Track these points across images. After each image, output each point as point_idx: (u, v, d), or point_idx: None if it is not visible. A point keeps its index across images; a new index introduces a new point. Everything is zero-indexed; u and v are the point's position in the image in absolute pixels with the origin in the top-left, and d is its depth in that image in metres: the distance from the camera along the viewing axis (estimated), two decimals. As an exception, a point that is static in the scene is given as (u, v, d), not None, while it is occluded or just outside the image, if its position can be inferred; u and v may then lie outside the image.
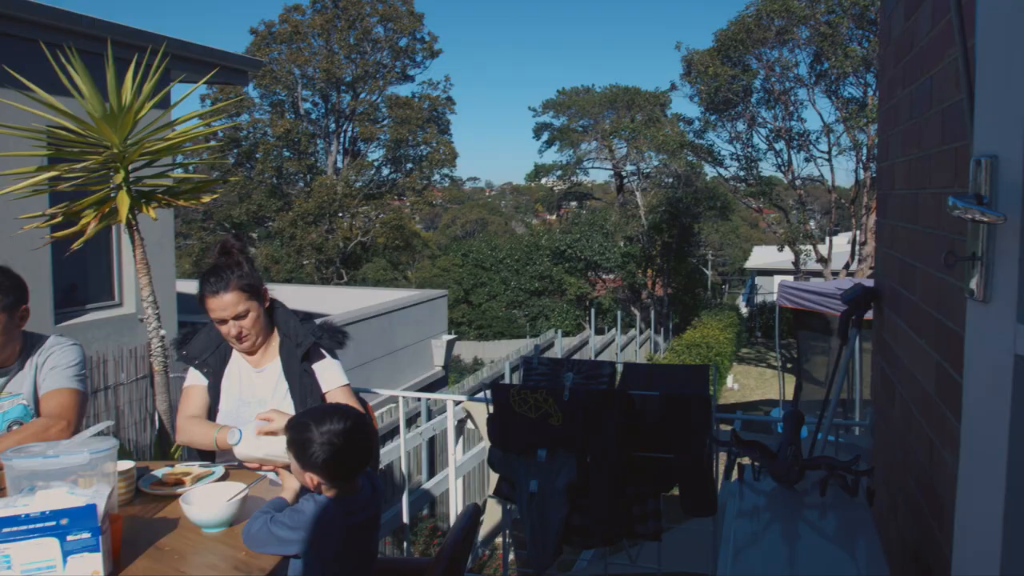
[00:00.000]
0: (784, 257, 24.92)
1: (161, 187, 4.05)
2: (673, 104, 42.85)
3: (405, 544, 3.91)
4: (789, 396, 11.14)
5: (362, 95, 29.49)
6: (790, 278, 21.41)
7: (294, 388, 2.51)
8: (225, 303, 2.41)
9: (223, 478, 2.27)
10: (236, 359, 2.60)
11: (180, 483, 2.24)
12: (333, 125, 29.92)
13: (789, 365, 17.19)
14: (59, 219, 3.86)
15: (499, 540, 6.50)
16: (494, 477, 3.28)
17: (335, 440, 1.87)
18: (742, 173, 23.00)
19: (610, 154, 32.15)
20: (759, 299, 29.14)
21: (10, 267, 2.47)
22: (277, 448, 2.17)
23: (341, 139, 29.98)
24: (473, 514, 2.02)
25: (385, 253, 29.73)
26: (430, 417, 8.59)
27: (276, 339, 2.58)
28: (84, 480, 1.85)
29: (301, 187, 29.47)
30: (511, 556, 3.55)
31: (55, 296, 6.19)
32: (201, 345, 2.59)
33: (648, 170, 30.39)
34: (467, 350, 23.80)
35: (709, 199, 26.43)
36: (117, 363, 5.60)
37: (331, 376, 2.55)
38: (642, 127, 28.04)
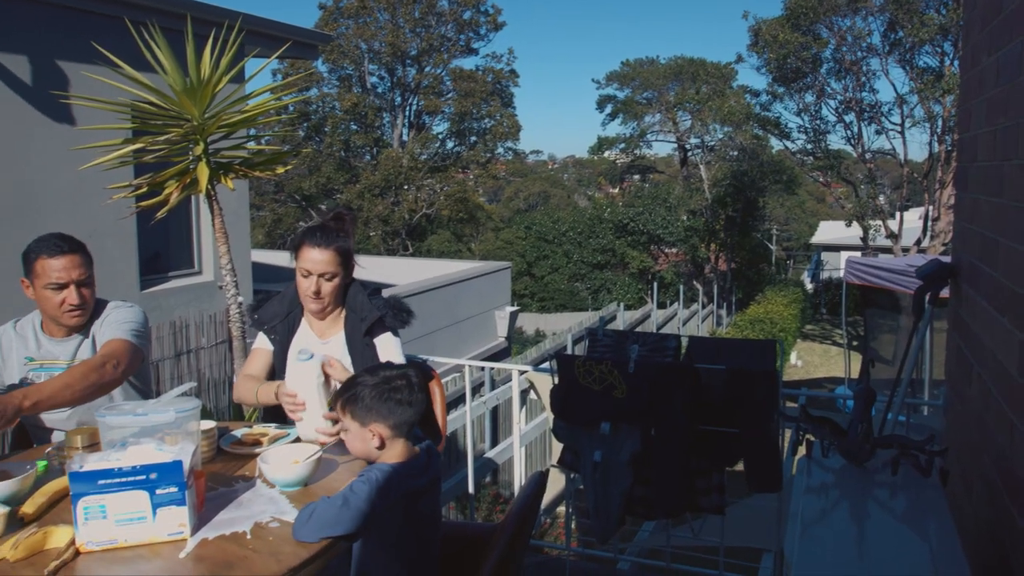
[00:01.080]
0: (852, 232, 24.12)
1: (238, 159, 4.15)
2: (739, 75, 41.69)
3: (469, 510, 3.96)
4: (855, 374, 10.83)
5: (427, 68, 29.55)
6: (858, 254, 20.75)
7: (356, 360, 2.56)
8: (320, 258, 2.46)
9: (297, 440, 2.33)
10: (304, 329, 2.65)
11: (258, 443, 2.31)
12: (399, 99, 30.09)
13: (855, 343, 16.73)
14: (144, 189, 3.99)
15: (560, 509, 6.55)
16: (556, 446, 3.29)
17: (388, 383, 1.92)
18: (809, 146, 22.26)
19: (674, 127, 31.56)
20: (825, 275, 28.37)
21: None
22: (308, 390, 2.26)
23: (406, 112, 30.14)
24: (539, 482, 2.03)
25: (449, 225, 29.91)
26: (493, 387, 8.65)
27: (343, 312, 2.63)
28: (170, 438, 1.92)
29: (368, 160, 29.80)
30: (573, 525, 3.56)
31: (140, 264, 6.42)
32: (272, 312, 2.66)
33: (713, 143, 29.74)
34: (529, 322, 23.86)
35: (775, 173, 25.72)
36: (198, 328, 5.80)
37: (388, 352, 2.58)
38: (707, 99, 27.38)
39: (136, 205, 4.16)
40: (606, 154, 37.89)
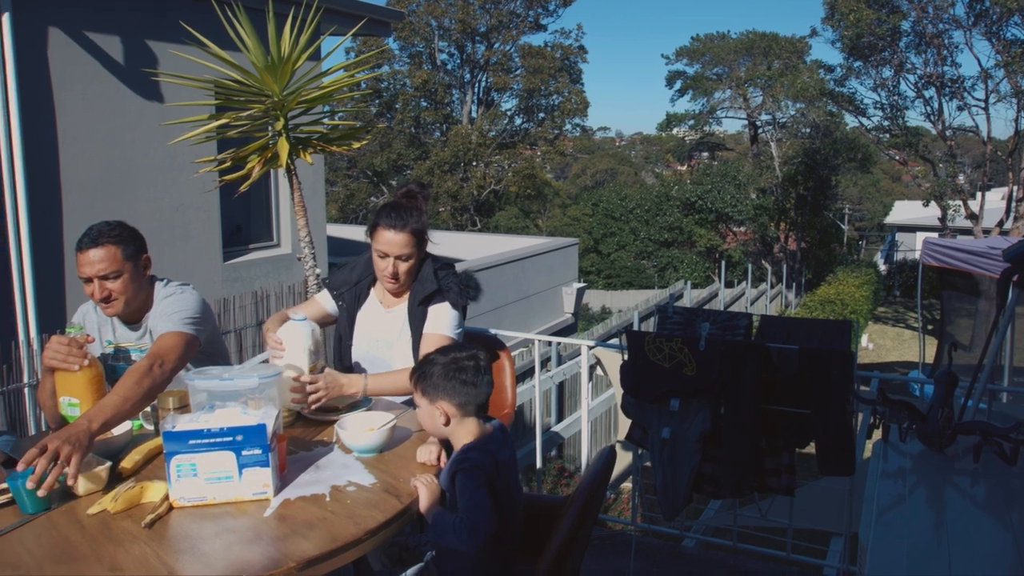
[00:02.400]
0: (929, 213, 23.12)
1: (316, 134, 4.21)
2: (813, 50, 40.29)
3: (536, 483, 3.98)
4: (929, 359, 10.45)
5: (496, 45, 29.41)
6: (935, 235, 19.88)
7: (414, 329, 2.57)
8: (396, 240, 2.47)
9: (371, 408, 2.38)
10: (371, 298, 2.69)
11: (335, 410, 2.36)
12: (468, 75, 30.07)
13: (930, 327, 16.10)
14: (228, 164, 4.09)
15: (624, 485, 6.55)
16: (622, 422, 3.27)
17: (456, 364, 1.94)
18: (886, 123, 21.29)
19: (744, 103, 30.69)
20: (899, 256, 27.32)
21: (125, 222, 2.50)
22: (293, 347, 2.32)
23: (476, 89, 30.12)
24: (609, 457, 2.02)
25: (517, 201, 29.89)
26: (560, 362, 8.66)
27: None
28: (253, 402, 1.97)
29: (438, 136, 29.96)
30: (638, 500, 3.55)
31: (223, 236, 6.62)
32: (342, 278, 2.71)
33: (784, 120, 28.79)
34: (595, 299, 23.74)
35: (849, 150, 24.75)
36: (278, 298, 5.97)
37: (438, 321, 2.54)
38: (779, 75, 26.50)
39: (220, 179, 4.28)
40: (674, 131, 37.21)
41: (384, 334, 2.64)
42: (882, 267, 27.28)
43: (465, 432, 1.95)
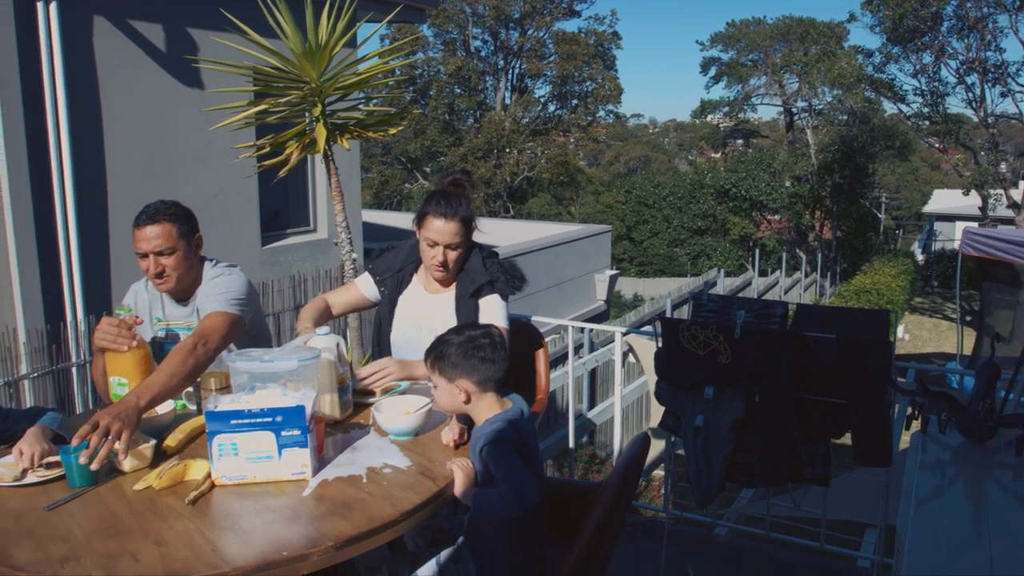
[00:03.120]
0: (969, 202, 22.58)
1: (352, 120, 4.23)
2: (851, 35, 39.39)
3: (568, 468, 3.98)
4: (967, 350, 10.23)
5: (529, 31, 29.26)
6: (975, 224, 19.41)
7: (461, 319, 2.56)
8: (445, 229, 2.47)
9: (406, 392, 2.39)
10: (414, 284, 2.69)
11: (371, 393, 2.38)
12: (502, 62, 29.97)
13: (968, 318, 15.75)
14: (267, 150, 4.13)
15: (656, 472, 6.52)
16: (654, 410, 3.25)
17: (473, 342, 1.95)
18: (926, 110, 20.79)
19: (780, 90, 30.15)
20: (938, 246, 26.75)
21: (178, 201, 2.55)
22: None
23: (509, 76, 30.01)
24: (643, 443, 2.01)
25: (550, 188, 29.81)
26: (592, 349, 8.63)
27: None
28: (293, 384, 2.00)
29: (471, 123, 29.93)
30: (671, 488, 3.54)
31: (261, 221, 6.69)
32: (386, 264, 2.71)
33: (821, 106, 28.23)
34: (628, 286, 23.64)
35: (887, 138, 24.21)
36: (315, 282, 6.02)
37: (491, 314, 2.55)
38: (816, 60, 25.97)
39: (258, 165, 4.32)
40: (709, 118, 36.73)
41: (427, 320, 2.63)
42: (919, 257, 26.75)
43: (485, 407, 1.96)
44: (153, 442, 1.91)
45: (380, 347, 2.74)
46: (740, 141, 36.39)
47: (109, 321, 2.20)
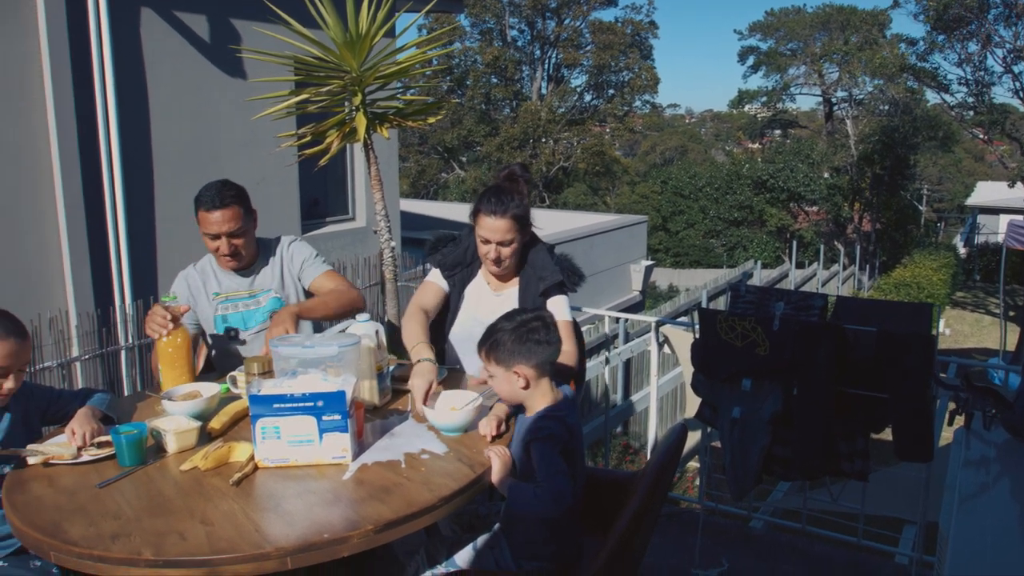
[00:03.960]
0: (1015, 194, 21.92)
1: (392, 109, 4.24)
2: (894, 23, 38.40)
3: (604, 458, 3.97)
4: (1010, 346, 9.96)
5: (566, 21, 29.07)
6: (1020, 217, 18.85)
7: None
8: (497, 227, 2.42)
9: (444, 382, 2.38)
10: (479, 279, 2.64)
11: (406, 379, 2.38)
12: (538, 52, 29.83)
13: (1012, 313, 15.34)
14: (308, 138, 4.16)
15: (691, 464, 6.47)
16: (689, 401, 3.22)
17: (526, 326, 1.94)
18: (970, 99, 20.25)
19: (820, 79, 29.58)
20: (980, 239, 26.04)
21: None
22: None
23: (545, 65, 29.88)
24: (681, 434, 2.00)
25: (585, 178, 29.65)
26: (627, 339, 8.58)
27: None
28: (333, 370, 2.02)
29: (507, 113, 29.87)
30: (706, 479, 3.50)
31: (301, 209, 6.76)
32: (454, 259, 2.63)
33: (861, 96, 27.65)
34: (663, 277, 23.44)
35: (929, 128, 23.60)
36: (354, 270, 6.06)
37: (558, 311, 2.48)
38: (857, 49, 25.43)
39: (300, 153, 4.36)
40: (746, 108, 36.16)
41: (491, 316, 2.43)
42: (962, 250, 26.04)
43: (541, 395, 1.95)
44: (198, 425, 1.95)
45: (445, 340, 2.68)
46: (778, 131, 35.80)
47: (154, 310, 2.31)
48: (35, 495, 1.71)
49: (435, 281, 2.66)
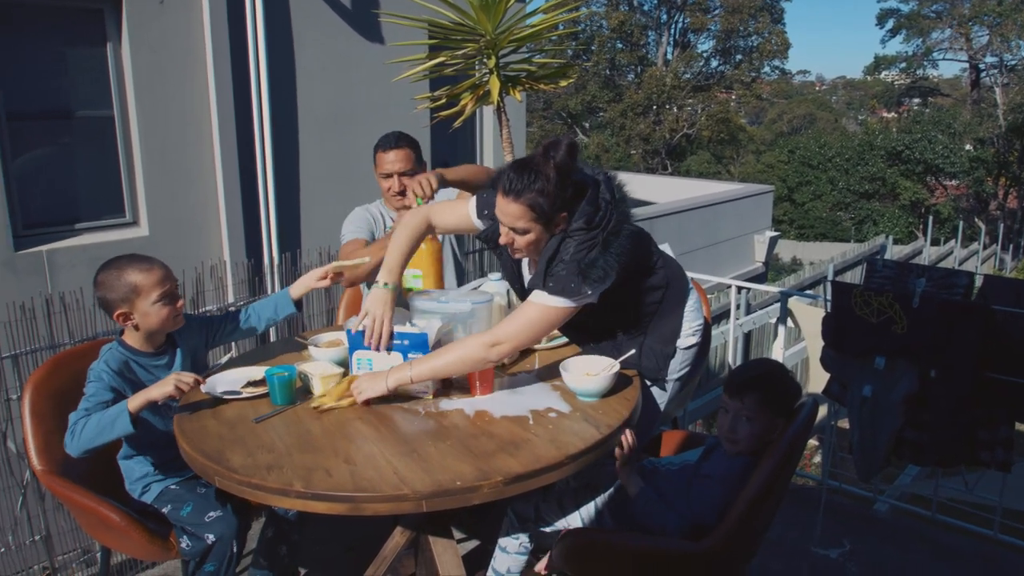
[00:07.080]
0: None
1: (524, 72, 4.21)
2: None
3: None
4: None
5: (696, -17, 27.93)
6: None
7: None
8: (508, 210, 1.89)
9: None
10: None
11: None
12: (664, 16, 28.87)
13: None
14: (443, 101, 4.20)
15: (811, 442, 6.22)
16: (813, 377, 3.07)
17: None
18: None
19: (967, 44, 27.11)
20: None
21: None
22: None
23: (672, 30, 28.90)
24: (812, 409, 1.90)
25: (709, 146, 28.66)
26: (749, 311, 8.29)
27: None
28: (463, 325, 2.05)
29: (632, 79, 29.18)
30: (830, 457, 3.35)
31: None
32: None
33: (1014, 62, 25.18)
34: (786, 249, 22.46)
35: (1094, 97, 21.26)
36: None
37: (520, 311, 1.95)
38: (1011, 11, 23.06)
39: (435, 116, 4.41)
40: (882, 75, 33.77)
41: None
42: (1123, 231, 23.49)
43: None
44: (342, 371, 2.03)
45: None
46: (916, 100, 33.25)
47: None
48: (201, 423, 1.84)
49: (470, 212, 2.18)
